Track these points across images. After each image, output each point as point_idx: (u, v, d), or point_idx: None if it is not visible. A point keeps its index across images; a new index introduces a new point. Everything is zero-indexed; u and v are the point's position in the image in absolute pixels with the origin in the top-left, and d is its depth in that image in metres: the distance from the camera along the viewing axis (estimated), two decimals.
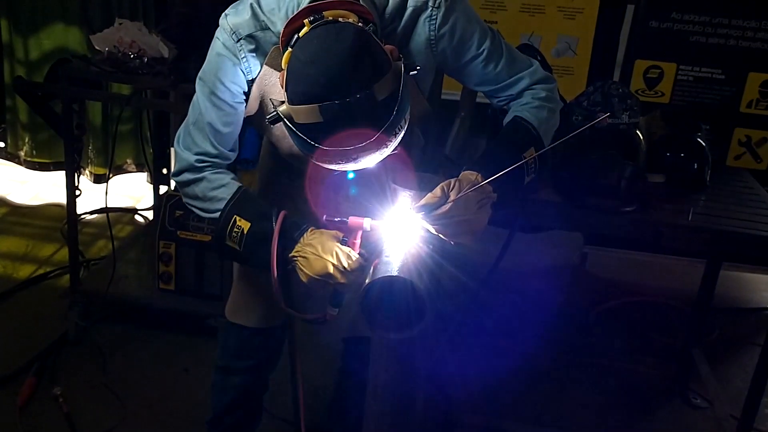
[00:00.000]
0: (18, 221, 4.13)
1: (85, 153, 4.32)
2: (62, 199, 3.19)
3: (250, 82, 1.70)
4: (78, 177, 3.12)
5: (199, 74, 1.73)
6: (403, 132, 1.50)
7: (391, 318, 1.51)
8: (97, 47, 2.93)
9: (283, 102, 1.47)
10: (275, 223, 1.64)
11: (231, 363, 2.13)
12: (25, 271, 3.60)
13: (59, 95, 2.85)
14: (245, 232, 1.66)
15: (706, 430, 2.88)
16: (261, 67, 1.68)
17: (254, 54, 1.66)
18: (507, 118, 1.80)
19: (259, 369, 2.13)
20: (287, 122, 1.46)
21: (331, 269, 1.58)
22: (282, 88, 1.48)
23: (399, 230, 1.60)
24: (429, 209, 1.58)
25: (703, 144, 2.47)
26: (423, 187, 1.63)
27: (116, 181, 4.46)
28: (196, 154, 1.73)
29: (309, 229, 1.65)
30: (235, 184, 1.73)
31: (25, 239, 3.92)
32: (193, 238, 3.02)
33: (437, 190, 1.59)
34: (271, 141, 1.88)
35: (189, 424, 2.66)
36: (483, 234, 1.66)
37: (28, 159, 4.48)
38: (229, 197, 1.70)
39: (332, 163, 1.48)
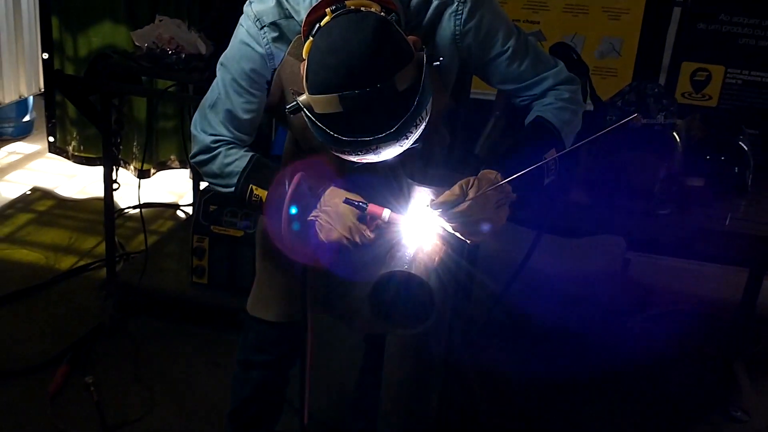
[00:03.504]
0: (63, 214, 4.22)
1: (129, 148, 4.39)
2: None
3: (273, 71, 1.69)
4: (117, 171, 3.16)
5: (221, 59, 1.73)
6: (424, 124, 1.48)
7: (399, 312, 1.49)
8: (137, 43, 2.97)
9: (303, 92, 1.46)
10: (289, 184, 1.63)
11: (250, 356, 2.13)
12: (66, 262, 3.67)
13: (98, 89, 2.90)
14: (263, 200, 1.67)
15: None
16: (284, 55, 1.67)
17: (277, 42, 1.66)
18: (529, 118, 1.77)
19: (279, 364, 2.12)
20: (307, 112, 1.45)
21: (344, 241, 1.59)
22: (303, 77, 1.47)
23: (415, 225, 1.58)
24: (447, 207, 1.55)
25: (745, 147, 2.40)
26: (441, 184, 1.61)
27: (160, 176, 4.53)
28: (212, 135, 1.74)
29: (326, 192, 1.64)
30: (248, 155, 1.72)
31: (68, 231, 3.99)
32: (226, 233, 3.04)
33: (455, 188, 1.57)
34: (293, 132, 1.87)
35: (215, 417, 2.68)
36: (503, 234, 1.63)
37: (76, 154, 4.57)
38: (242, 168, 1.70)
39: (351, 155, 1.47)
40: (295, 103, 1.46)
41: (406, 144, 1.48)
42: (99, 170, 4.54)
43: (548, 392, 2.90)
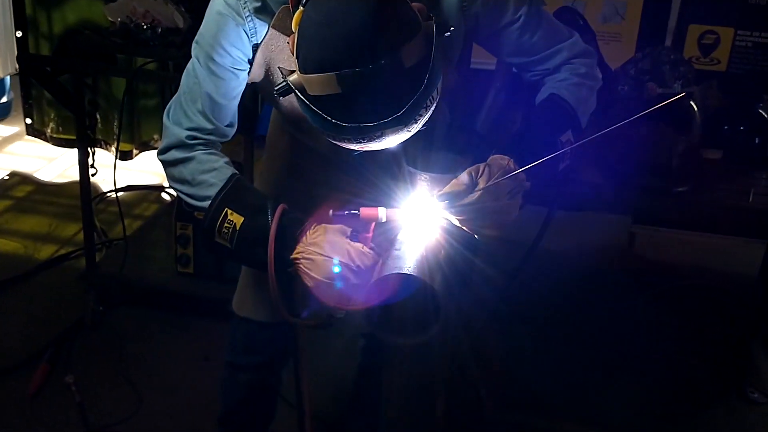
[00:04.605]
0: (43, 199, 4.03)
1: (110, 129, 4.19)
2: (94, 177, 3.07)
3: (255, 47, 1.50)
4: (94, 155, 2.98)
5: (196, 37, 1.52)
6: (435, 104, 1.30)
7: (401, 320, 1.31)
8: (110, 18, 2.77)
9: (293, 71, 1.26)
10: (272, 218, 1.42)
11: (238, 359, 1.97)
12: (46, 251, 3.50)
13: (68, 69, 2.70)
14: (237, 227, 1.44)
15: (764, 427, 2.65)
16: (267, 29, 1.47)
17: (260, 14, 1.45)
18: (541, 95, 1.59)
19: (269, 365, 1.96)
20: (299, 94, 1.26)
21: (345, 270, 1.37)
22: (292, 54, 1.28)
23: (417, 220, 1.41)
24: (454, 198, 1.38)
25: (766, 116, 2.23)
26: (445, 170, 1.43)
27: (143, 157, 4.33)
28: (188, 129, 1.52)
29: (312, 226, 1.43)
30: (229, 170, 1.51)
31: (48, 218, 3.81)
32: None
33: (463, 177, 1.39)
34: (281, 114, 1.69)
35: (206, 416, 2.50)
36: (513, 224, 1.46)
37: (55, 136, 4.35)
38: (221, 185, 1.48)
39: (351, 142, 1.28)
40: (284, 83, 1.27)
41: (415, 128, 1.30)
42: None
43: (557, 378, 2.76)
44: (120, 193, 4.04)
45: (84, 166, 2.84)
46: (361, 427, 2.19)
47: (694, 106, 2.12)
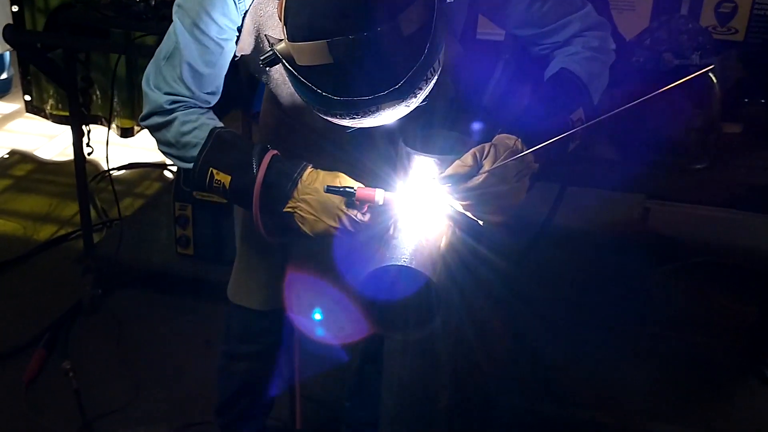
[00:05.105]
0: (43, 178, 3.95)
1: (110, 105, 4.09)
2: (94, 154, 2.98)
3: (243, 14, 1.39)
4: (89, 133, 2.89)
5: (177, 0, 1.42)
6: (436, 77, 1.19)
7: (396, 315, 1.22)
8: None
9: (282, 39, 1.16)
10: (257, 170, 1.36)
11: (235, 348, 1.89)
12: (46, 231, 3.42)
13: (58, 45, 2.59)
14: (227, 186, 1.40)
15: None
16: None
17: None
18: (551, 70, 1.48)
19: (266, 354, 1.88)
20: (286, 64, 1.15)
21: (332, 232, 1.34)
22: (280, 20, 1.17)
23: (417, 205, 1.31)
24: (458, 180, 1.27)
25: None
26: (448, 151, 1.32)
27: (145, 134, 4.22)
28: (167, 94, 1.44)
29: (304, 174, 1.37)
30: (209, 125, 1.44)
31: (48, 197, 3.72)
32: (211, 199, 2.76)
33: (467, 158, 1.28)
34: (270, 88, 1.58)
35: (207, 403, 2.42)
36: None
37: (54, 113, 4.25)
38: (201, 144, 1.41)
39: (344, 118, 1.18)
40: (270, 52, 1.17)
41: (414, 103, 1.20)
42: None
43: (568, 361, 2.67)
44: (121, 172, 3.97)
45: (78, 144, 2.75)
46: (364, 415, 2.11)
47: (713, 78, 2.01)
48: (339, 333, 1.54)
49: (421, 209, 1.30)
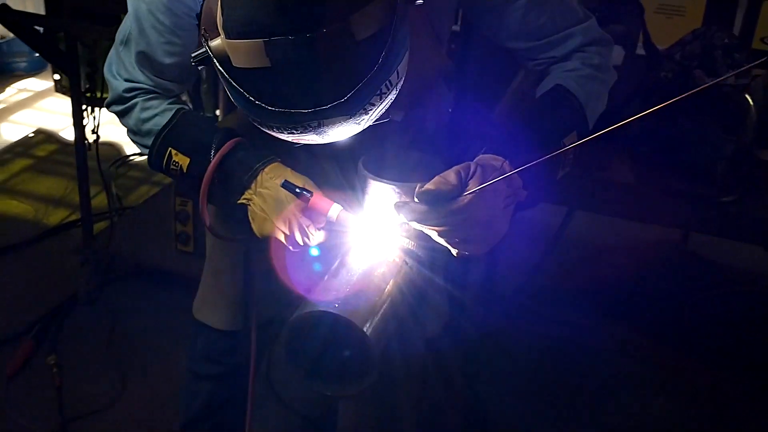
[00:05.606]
0: (64, 160, 3.87)
1: None
2: (117, 138, 2.87)
3: (202, 3, 1.25)
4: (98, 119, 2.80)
5: None
6: (395, 92, 1.03)
7: (325, 369, 1.06)
8: None
9: (217, 34, 1.01)
10: (214, 154, 1.25)
11: (198, 367, 1.75)
12: (57, 216, 3.35)
13: (61, 29, 2.48)
14: (184, 170, 1.30)
15: None
16: None
17: None
18: (546, 84, 1.31)
19: (233, 375, 1.73)
20: (219, 65, 1.01)
21: (281, 238, 1.20)
22: (217, 12, 1.01)
23: (370, 237, 1.14)
24: (437, 200, 1.08)
25: None
26: (415, 178, 1.14)
27: None
28: (126, 80, 1.35)
29: (268, 166, 1.24)
30: (171, 109, 1.34)
31: (66, 180, 3.64)
32: None
33: (450, 174, 1.09)
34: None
35: None
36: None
37: (85, 94, 4.20)
38: (161, 125, 1.32)
39: (282, 132, 1.03)
40: (203, 49, 1.02)
41: (365, 121, 1.03)
42: (106, 112, 4.23)
43: (596, 386, 2.50)
44: (143, 157, 3.87)
45: (80, 133, 2.65)
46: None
47: (749, 99, 1.78)
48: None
49: (375, 242, 1.13)
